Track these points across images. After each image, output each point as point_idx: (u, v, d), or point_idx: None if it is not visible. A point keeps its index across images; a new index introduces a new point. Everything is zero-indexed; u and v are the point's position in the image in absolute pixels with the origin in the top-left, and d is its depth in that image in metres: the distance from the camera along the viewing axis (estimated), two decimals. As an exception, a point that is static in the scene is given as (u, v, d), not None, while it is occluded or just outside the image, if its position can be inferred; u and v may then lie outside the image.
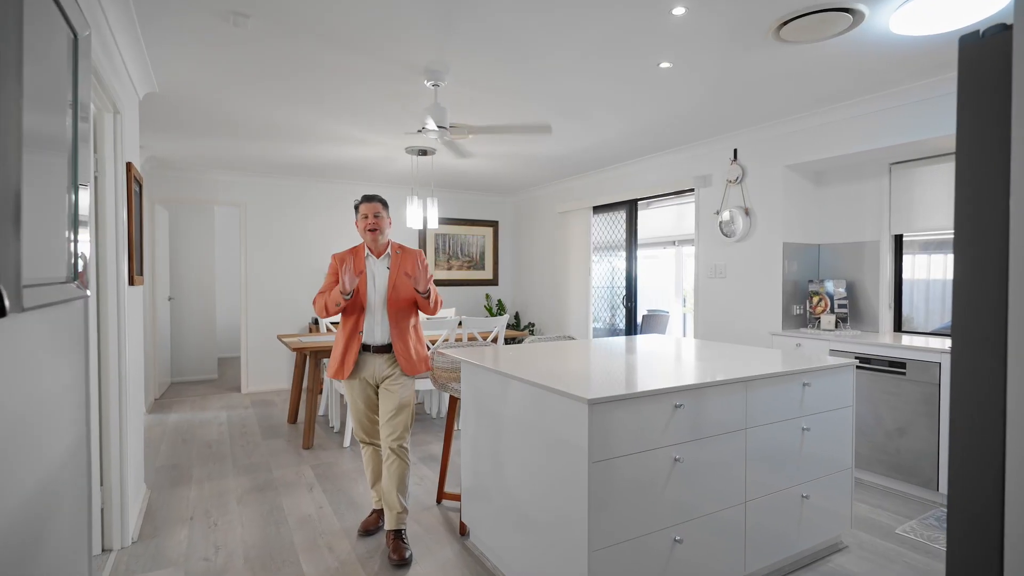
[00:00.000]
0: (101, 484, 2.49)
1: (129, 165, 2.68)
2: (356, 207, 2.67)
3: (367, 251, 2.67)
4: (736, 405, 2.07)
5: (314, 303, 2.66)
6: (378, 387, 2.65)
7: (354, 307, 2.59)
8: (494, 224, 7.31)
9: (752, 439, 2.12)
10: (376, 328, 2.60)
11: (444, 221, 6.95)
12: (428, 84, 3.03)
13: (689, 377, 2.05)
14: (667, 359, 2.48)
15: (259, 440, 4.18)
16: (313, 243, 6.19)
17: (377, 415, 2.68)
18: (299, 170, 5.69)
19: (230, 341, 8.41)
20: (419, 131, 3.26)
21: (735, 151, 4.22)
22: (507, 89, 3.20)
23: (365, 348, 2.60)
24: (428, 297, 2.58)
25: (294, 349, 4.00)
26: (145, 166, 5.06)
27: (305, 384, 5.60)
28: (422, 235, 6.81)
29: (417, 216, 4.77)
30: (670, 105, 3.53)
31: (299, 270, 6.13)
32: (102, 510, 2.50)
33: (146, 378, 5.24)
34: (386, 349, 2.61)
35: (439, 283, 6.91)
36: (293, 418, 4.68)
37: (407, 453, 2.61)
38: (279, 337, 4.69)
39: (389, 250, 2.69)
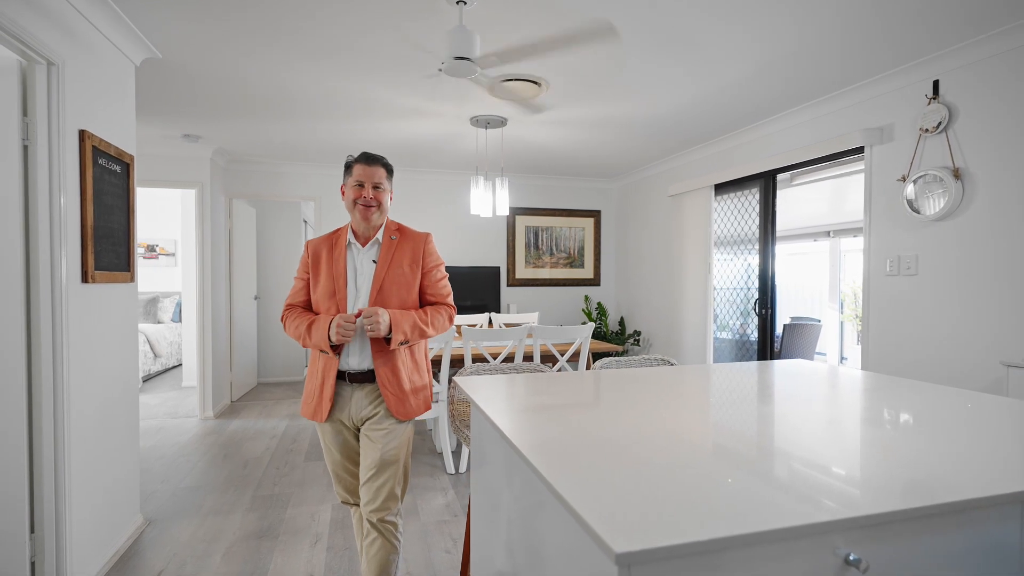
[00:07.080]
0: (32, 532, 1.98)
1: (84, 134, 2.16)
2: (347, 167, 1.87)
3: (350, 234, 1.88)
4: (997, 550, 0.92)
5: (283, 321, 1.89)
6: (359, 430, 1.85)
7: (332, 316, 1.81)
8: (595, 214, 6.27)
9: (1035, 626, 0.95)
10: (353, 347, 1.79)
11: (534, 211, 6.06)
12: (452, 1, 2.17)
13: (878, 484, 0.94)
14: (820, 421, 1.35)
15: (299, 462, 3.63)
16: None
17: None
18: (371, 158, 5.16)
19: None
20: (448, 64, 2.41)
21: (935, 84, 2.80)
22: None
23: (340, 376, 1.81)
24: (390, 342, 1.74)
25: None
26: (215, 159, 4.84)
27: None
28: (510, 225, 5.99)
29: (485, 201, 3.94)
30: (826, 11, 2.30)
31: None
32: (32, 563, 1.99)
33: (222, 381, 5.04)
34: (367, 378, 1.80)
35: (525, 284, 6.04)
36: (347, 436, 4.10)
37: (395, 530, 1.77)
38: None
39: (380, 235, 1.87)
